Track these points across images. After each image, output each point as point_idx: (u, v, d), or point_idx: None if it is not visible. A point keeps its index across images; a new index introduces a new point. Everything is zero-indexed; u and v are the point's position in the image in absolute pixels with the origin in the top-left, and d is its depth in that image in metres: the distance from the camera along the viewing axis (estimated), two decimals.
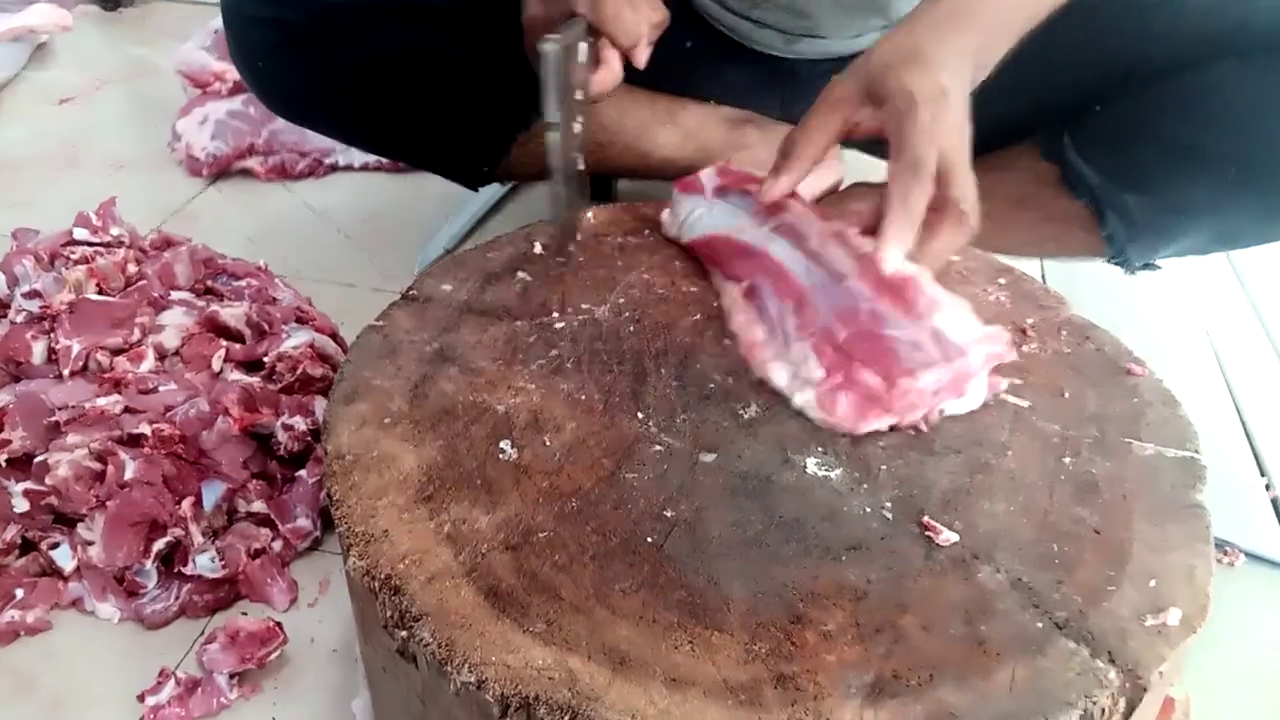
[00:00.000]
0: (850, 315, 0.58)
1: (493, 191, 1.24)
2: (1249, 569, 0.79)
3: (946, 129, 0.60)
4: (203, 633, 0.72)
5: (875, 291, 0.58)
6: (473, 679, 0.43)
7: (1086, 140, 0.88)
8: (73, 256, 0.85)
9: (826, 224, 0.64)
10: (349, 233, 1.21)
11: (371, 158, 1.32)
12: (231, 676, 0.68)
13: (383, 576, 0.47)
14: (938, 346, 0.55)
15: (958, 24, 0.65)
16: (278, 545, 0.77)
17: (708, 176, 0.73)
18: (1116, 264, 0.92)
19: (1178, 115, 0.83)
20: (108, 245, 0.88)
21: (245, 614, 0.73)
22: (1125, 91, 0.86)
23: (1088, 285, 1.07)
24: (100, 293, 0.84)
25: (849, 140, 0.70)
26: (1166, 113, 0.84)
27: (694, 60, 1.00)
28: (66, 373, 0.79)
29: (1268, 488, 0.87)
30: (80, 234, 0.89)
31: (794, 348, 0.59)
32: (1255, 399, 0.98)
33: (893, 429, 0.56)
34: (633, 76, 0.98)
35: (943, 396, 0.56)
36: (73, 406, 0.76)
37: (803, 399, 0.57)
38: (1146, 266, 0.93)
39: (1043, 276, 1.12)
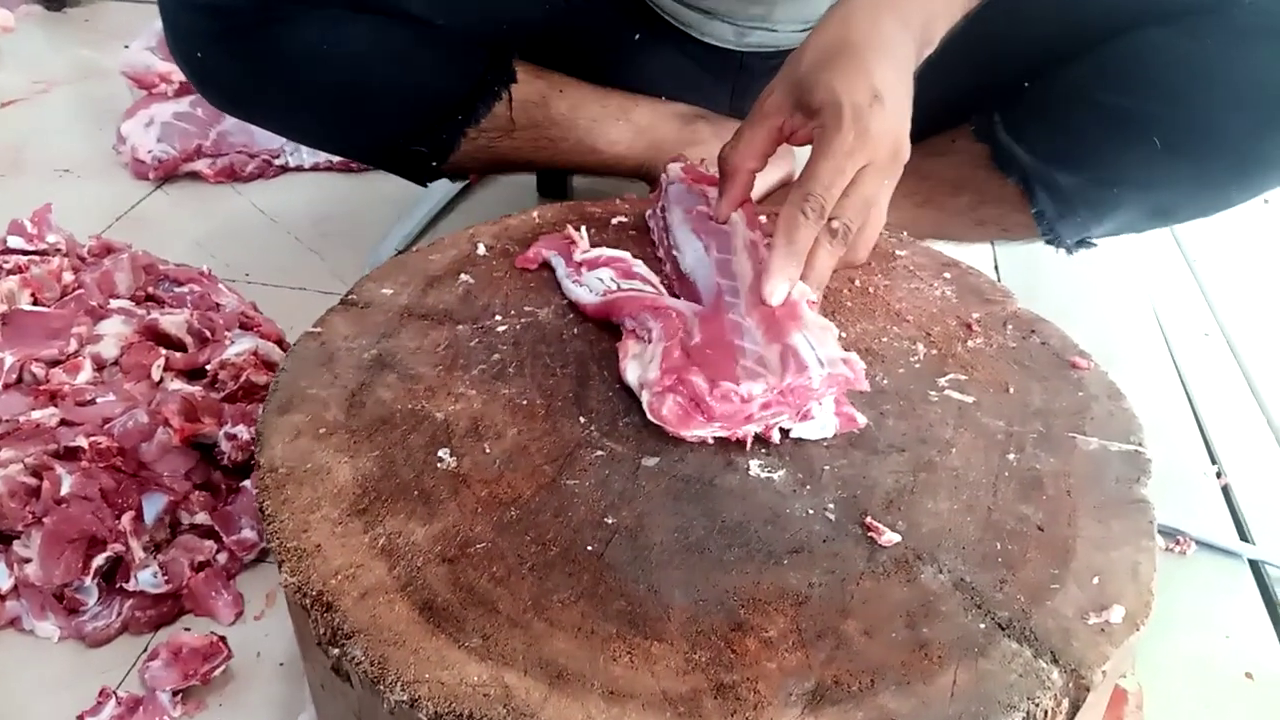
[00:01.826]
0: (713, 322, 0.58)
1: (445, 191, 1.22)
2: (1200, 557, 0.79)
3: (877, 140, 0.58)
4: (146, 649, 0.70)
5: (749, 306, 0.58)
6: (406, 697, 0.42)
7: (1017, 119, 0.88)
8: (5, 266, 0.83)
9: (749, 233, 0.64)
10: (299, 235, 1.19)
11: (322, 158, 1.30)
12: (175, 694, 0.66)
13: (314, 593, 0.46)
14: (781, 363, 0.54)
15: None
16: (222, 558, 0.75)
17: (673, 172, 0.74)
18: (1050, 243, 0.91)
19: (1105, 82, 0.82)
20: (43, 253, 0.86)
21: (189, 629, 0.71)
22: (1053, 65, 0.85)
23: (1042, 276, 1.07)
24: (35, 303, 0.82)
25: None
26: (1093, 80, 0.83)
27: (643, 53, 0.99)
28: (0, 386, 0.77)
29: (1218, 475, 0.87)
30: (15, 242, 0.87)
31: (648, 349, 0.58)
32: (1206, 387, 0.98)
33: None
34: (581, 70, 0.98)
35: (775, 411, 0.53)
36: (6, 420, 0.74)
37: (643, 399, 0.55)
38: (1082, 244, 0.93)
39: (995, 265, 1.12)
